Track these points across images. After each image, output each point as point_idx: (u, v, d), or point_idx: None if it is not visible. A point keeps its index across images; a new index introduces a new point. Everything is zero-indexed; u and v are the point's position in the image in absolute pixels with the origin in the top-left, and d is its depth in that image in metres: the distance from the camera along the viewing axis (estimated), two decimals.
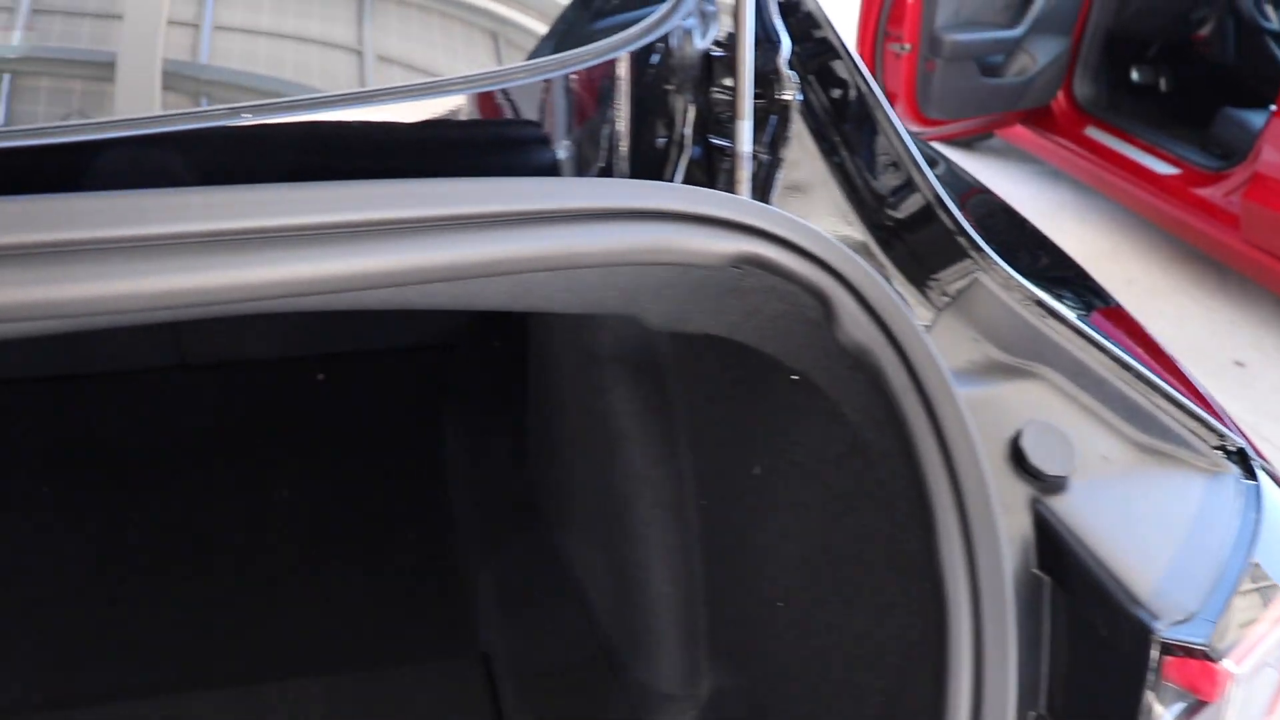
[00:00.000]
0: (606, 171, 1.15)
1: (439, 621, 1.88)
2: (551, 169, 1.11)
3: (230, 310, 0.84)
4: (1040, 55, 4.48)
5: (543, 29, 1.24)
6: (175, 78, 1.08)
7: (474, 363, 2.36)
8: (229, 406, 2.35)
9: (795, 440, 1.22)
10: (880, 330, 1.00)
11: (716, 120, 1.22)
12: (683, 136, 1.22)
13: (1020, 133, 4.87)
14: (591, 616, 1.76)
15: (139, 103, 1.02)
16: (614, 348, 1.58)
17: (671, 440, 1.56)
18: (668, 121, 1.20)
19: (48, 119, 0.97)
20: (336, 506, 2.12)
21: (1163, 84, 4.74)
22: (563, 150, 1.11)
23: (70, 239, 0.78)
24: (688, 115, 1.22)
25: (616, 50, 1.08)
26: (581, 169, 1.13)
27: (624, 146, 1.14)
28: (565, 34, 1.19)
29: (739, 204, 0.97)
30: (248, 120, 0.93)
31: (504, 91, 1.05)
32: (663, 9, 1.14)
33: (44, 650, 1.81)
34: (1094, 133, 4.59)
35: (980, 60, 4.36)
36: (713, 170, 1.22)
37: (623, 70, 1.11)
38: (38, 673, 1.78)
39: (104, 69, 1.08)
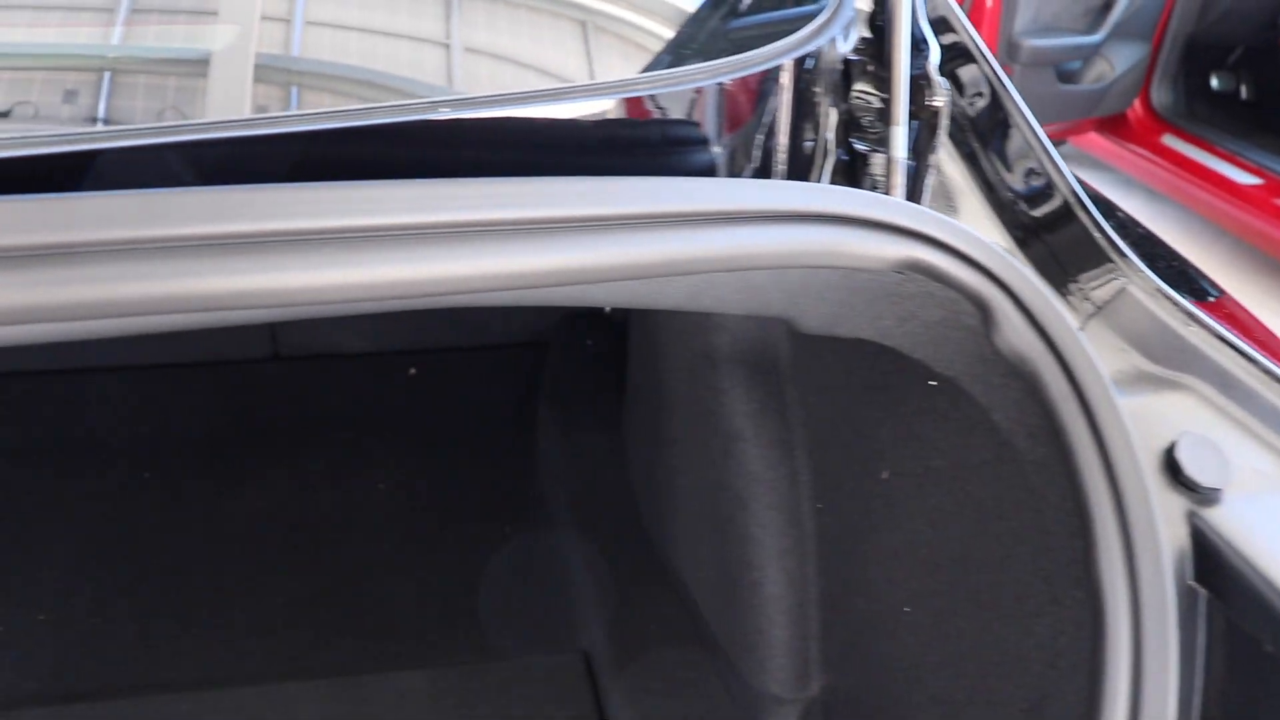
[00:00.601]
0: (763, 176, 1.15)
1: (538, 617, 1.89)
2: (712, 173, 1.12)
3: (424, 303, 0.85)
4: (1118, 62, 4.44)
5: (681, 32, 1.25)
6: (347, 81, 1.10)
7: (566, 361, 2.37)
8: (321, 398, 2.38)
9: (933, 446, 1.21)
10: (1040, 338, 1.00)
11: (857, 125, 1.22)
12: (826, 141, 1.22)
13: (1095, 140, 4.82)
14: (696, 616, 1.76)
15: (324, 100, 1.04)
16: (731, 349, 1.58)
17: (787, 442, 1.56)
18: (814, 126, 1.20)
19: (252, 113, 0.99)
20: (432, 500, 2.14)
21: (1244, 91, 4.68)
22: (724, 154, 1.12)
23: (205, 234, 0.79)
24: (830, 120, 1.22)
25: (781, 56, 1.09)
26: (738, 174, 1.13)
27: (780, 152, 1.14)
28: (714, 37, 1.20)
29: (907, 209, 0.97)
30: (444, 115, 0.94)
31: (676, 94, 1.06)
32: (823, 16, 1.14)
33: (149, 633, 1.84)
34: (1172, 141, 4.54)
35: (1057, 66, 4.32)
36: (855, 176, 1.21)
37: (785, 77, 1.11)
38: (144, 655, 1.80)
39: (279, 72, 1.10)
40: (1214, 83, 4.69)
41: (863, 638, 1.43)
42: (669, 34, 1.19)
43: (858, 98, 1.22)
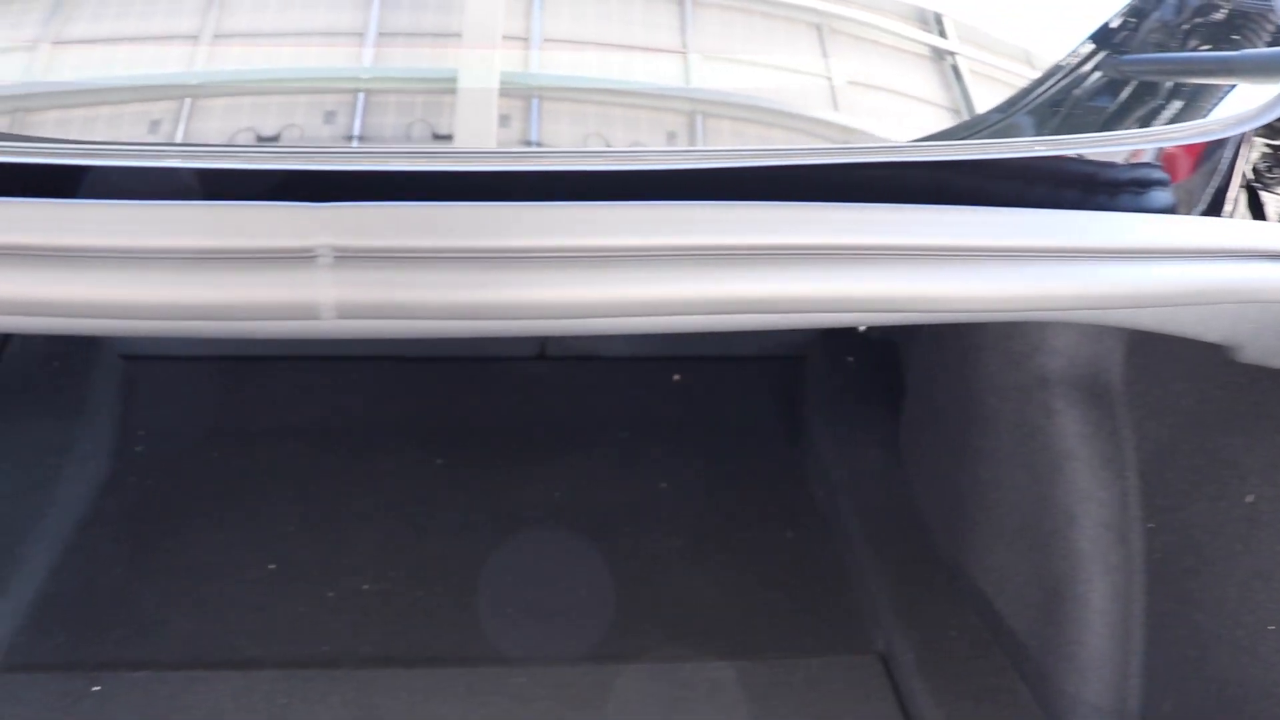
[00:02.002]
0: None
1: (830, 619, 1.98)
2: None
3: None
4: None
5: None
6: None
7: (828, 376, 2.46)
8: (589, 398, 2.50)
9: None
10: None
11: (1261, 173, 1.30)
12: (1240, 190, 1.30)
13: None
14: (999, 625, 1.84)
15: None
16: (1065, 372, 1.66)
17: (1117, 462, 1.63)
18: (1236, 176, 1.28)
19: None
20: (711, 502, 2.24)
21: None
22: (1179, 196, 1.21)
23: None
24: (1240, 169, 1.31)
25: (1243, 125, 1.17)
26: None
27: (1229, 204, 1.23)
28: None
29: None
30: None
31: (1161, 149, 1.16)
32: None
33: (466, 608, 1.96)
34: None
35: None
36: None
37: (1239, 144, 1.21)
38: (464, 628, 1.93)
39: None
40: None
41: (1207, 654, 1.49)
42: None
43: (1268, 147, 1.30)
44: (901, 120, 1.41)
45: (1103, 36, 1.48)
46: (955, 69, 1.40)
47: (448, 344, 2.52)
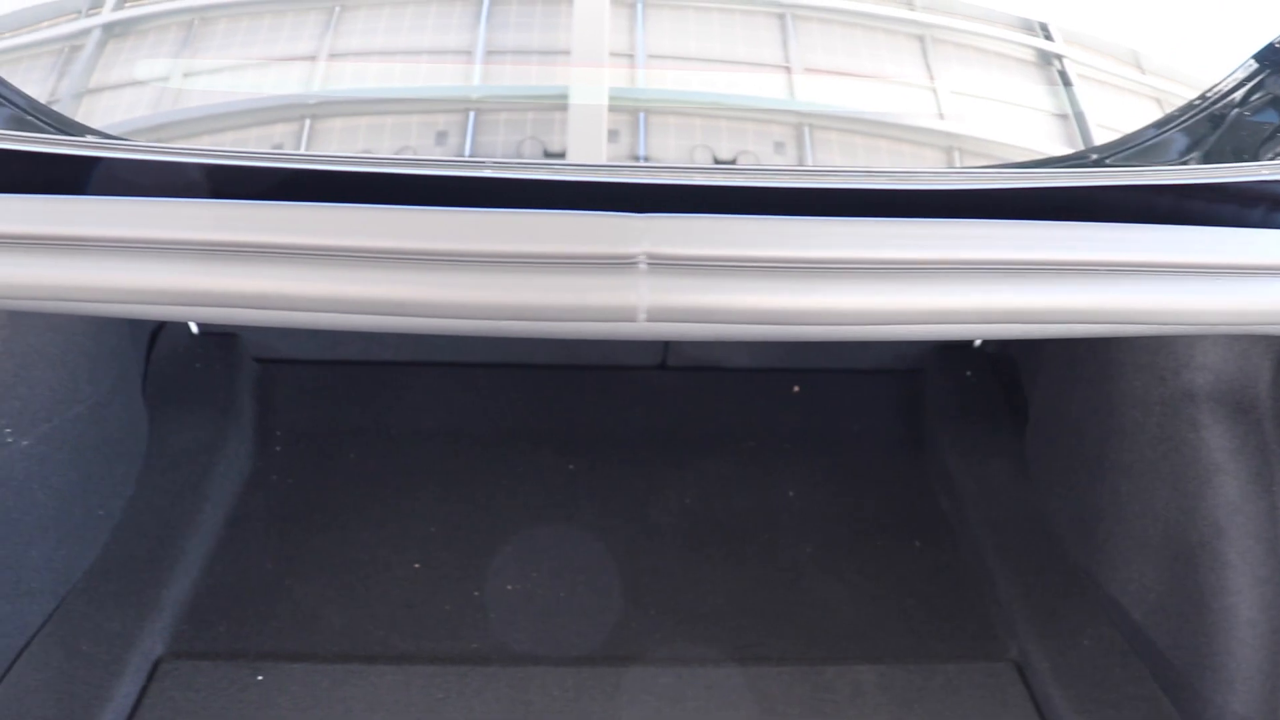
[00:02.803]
0: None
1: (963, 626, 2.01)
2: None
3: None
4: None
5: None
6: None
7: (946, 388, 2.50)
8: (711, 408, 2.55)
9: None
10: None
11: None
12: None
13: None
14: (1137, 635, 1.87)
15: None
16: (1213, 387, 1.70)
17: (1266, 477, 1.66)
18: None
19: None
20: (839, 511, 2.28)
21: None
22: None
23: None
24: None
25: None
26: None
27: None
28: None
29: None
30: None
31: None
32: None
33: (608, 610, 2.02)
34: None
35: None
36: None
37: None
38: (610, 629, 1.98)
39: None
40: None
41: None
42: None
43: None
44: (1020, 134, 1.47)
45: (1264, 56, 1.52)
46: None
47: (570, 351, 2.58)
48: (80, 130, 1.32)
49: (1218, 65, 1.56)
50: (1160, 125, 1.48)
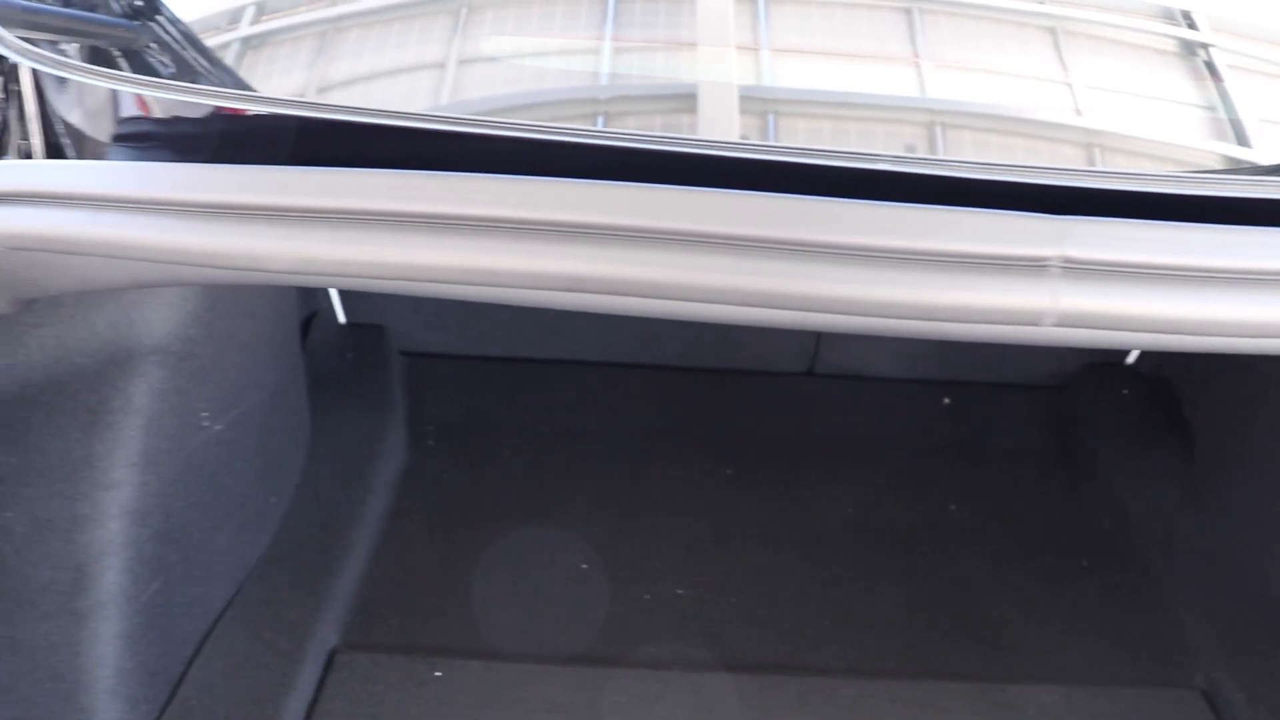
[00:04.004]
0: None
1: (1143, 651, 1.97)
2: None
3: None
4: None
5: None
6: None
7: (1100, 406, 2.46)
8: (859, 416, 2.52)
9: None
10: None
11: None
12: None
13: None
14: None
15: None
16: None
17: None
18: None
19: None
20: (1001, 526, 2.24)
21: None
22: None
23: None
24: None
25: None
26: None
27: None
28: None
29: None
30: None
31: None
32: None
33: (783, 619, 1.99)
34: None
35: None
36: None
37: None
38: (789, 638, 1.96)
39: None
40: None
41: None
42: None
43: None
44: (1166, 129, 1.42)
45: None
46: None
47: (716, 355, 2.56)
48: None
49: None
50: None
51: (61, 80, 1.13)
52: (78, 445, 1.53)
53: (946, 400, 2.55)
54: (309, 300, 2.42)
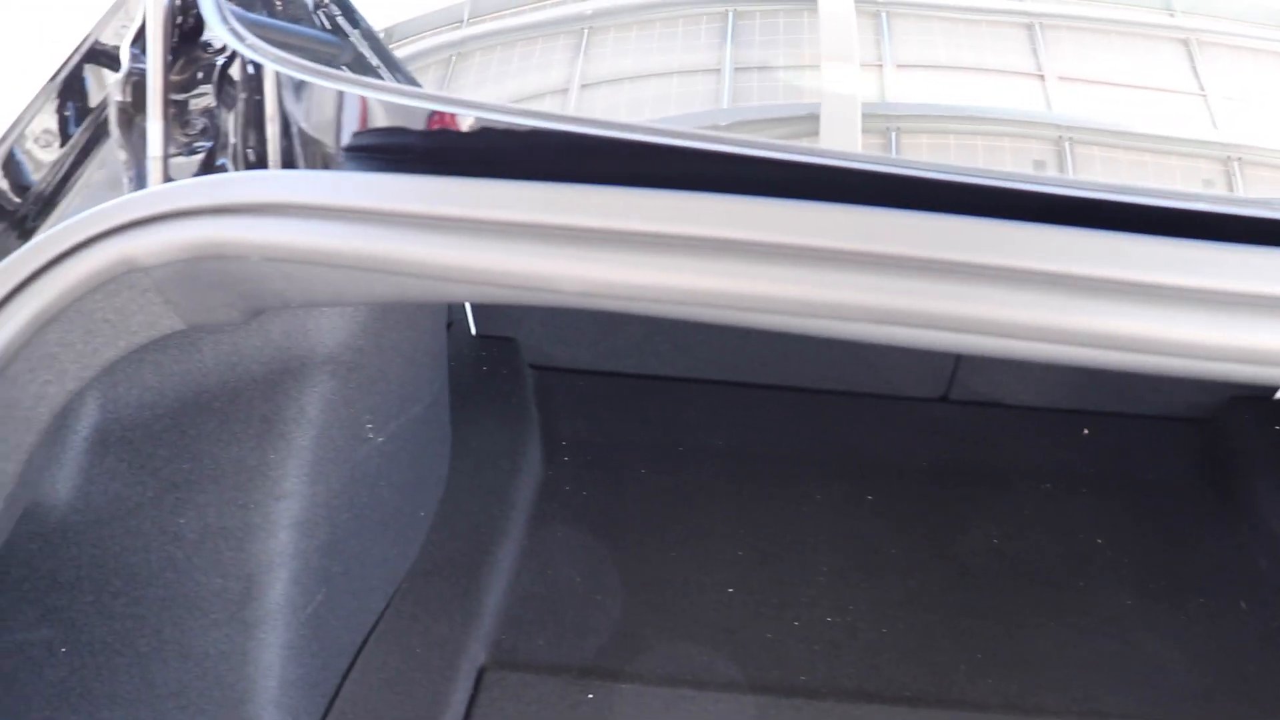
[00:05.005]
0: None
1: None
2: None
3: None
4: None
5: None
6: None
7: (1252, 441, 2.39)
8: (995, 444, 2.47)
9: None
10: None
11: None
12: None
13: None
14: None
15: None
16: None
17: None
18: None
19: None
20: (1150, 564, 2.18)
21: None
22: None
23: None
24: None
25: None
26: None
27: None
28: None
29: None
30: None
31: None
32: None
33: (934, 648, 1.95)
34: None
35: None
36: None
37: None
38: (934, 669, 1.92)
39: None
40: None
41: None
42: None
43: None
44: None
45: None
46: None
47: (850, 378, 2.52)
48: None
49: None
50: None
51: (301, 85, 1.12)
52: (251, 454, 1.52)
53: (1086, 430, 2.49)
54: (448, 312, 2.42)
